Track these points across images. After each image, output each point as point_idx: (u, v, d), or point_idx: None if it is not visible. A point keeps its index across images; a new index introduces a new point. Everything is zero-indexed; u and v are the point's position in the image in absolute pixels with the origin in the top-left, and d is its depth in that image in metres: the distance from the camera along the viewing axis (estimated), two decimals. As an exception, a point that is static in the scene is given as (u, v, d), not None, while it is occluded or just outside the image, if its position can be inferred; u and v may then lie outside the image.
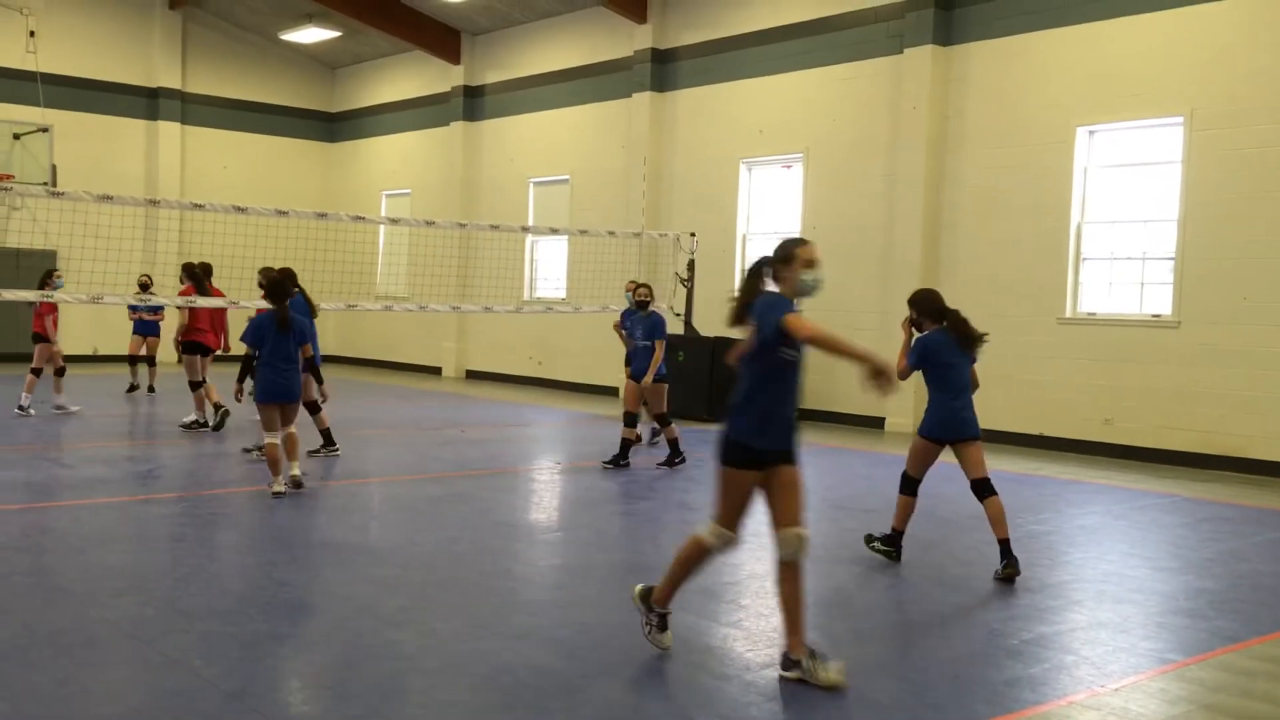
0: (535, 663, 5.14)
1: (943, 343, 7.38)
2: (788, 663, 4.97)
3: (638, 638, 5.40)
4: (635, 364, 11.45)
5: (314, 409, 10.83)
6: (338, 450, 11.15)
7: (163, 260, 20.22)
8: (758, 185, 17.74)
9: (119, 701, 4.49)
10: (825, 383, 16.15)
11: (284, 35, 23.71)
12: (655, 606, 5.26)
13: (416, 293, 19.64)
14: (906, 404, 15.10)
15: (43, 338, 13.75)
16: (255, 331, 9.01)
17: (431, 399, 18.20)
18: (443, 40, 22.28)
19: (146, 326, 17.36)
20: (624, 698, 4.71)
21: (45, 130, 20.41)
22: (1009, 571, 6.95)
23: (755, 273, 5.25)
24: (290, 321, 8.99)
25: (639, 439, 11.77)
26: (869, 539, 7.61)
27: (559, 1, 19.92)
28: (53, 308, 13.82)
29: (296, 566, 6.80)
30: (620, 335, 12.69)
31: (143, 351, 17.43)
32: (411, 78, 23.92)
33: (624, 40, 19.22)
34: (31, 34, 21.67)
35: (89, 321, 21.45)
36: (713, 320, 17.02)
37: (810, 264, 5.12)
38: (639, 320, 11.46)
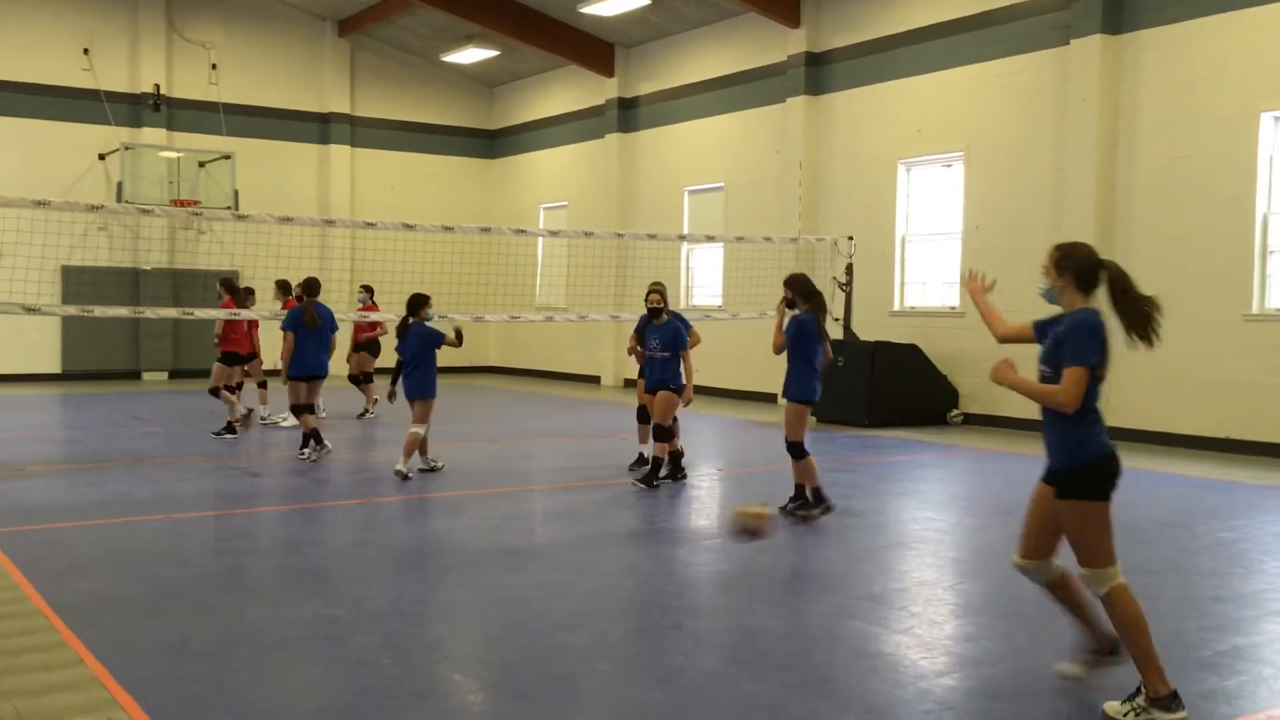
0: (705, 666, 5.17)
1: (814, 321, 8.70)
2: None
3: (802, 643, 5.37)
4: (651, 376, 10.07)
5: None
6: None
7: (337, 277, 21.10)
8: (917, 186, 17.40)
9: (314, 699, 4.71)
10: (986, 385, 15.72)
11: (445, 57, 24.48)
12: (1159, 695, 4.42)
13: (575, 303, 19.99)
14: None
15: (254, 354, 14.56)
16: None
17: (591, 407, 18.46)
18: (597, 54, 22.63)
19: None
20: (797, 703, 4.69)
21: (228, 157, 21.67)
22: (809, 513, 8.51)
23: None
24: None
25: (681, 451, 10.44)
26: (794, 510, 8.66)
27: (711, 10, 19.99)
28: (255, 323, 14.58)
29: (470, 570, 6.99)
30: (636, 354, 10.94)
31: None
32: (567, 92, 24.37)
33: (777, 45, 19.15)
34: (213, 67, 23.02)
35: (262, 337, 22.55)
36: (871, 324, 16.78)
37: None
38: (654, 330, 10.04)
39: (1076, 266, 4.82)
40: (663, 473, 10.02)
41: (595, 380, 23.25)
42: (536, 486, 10.63)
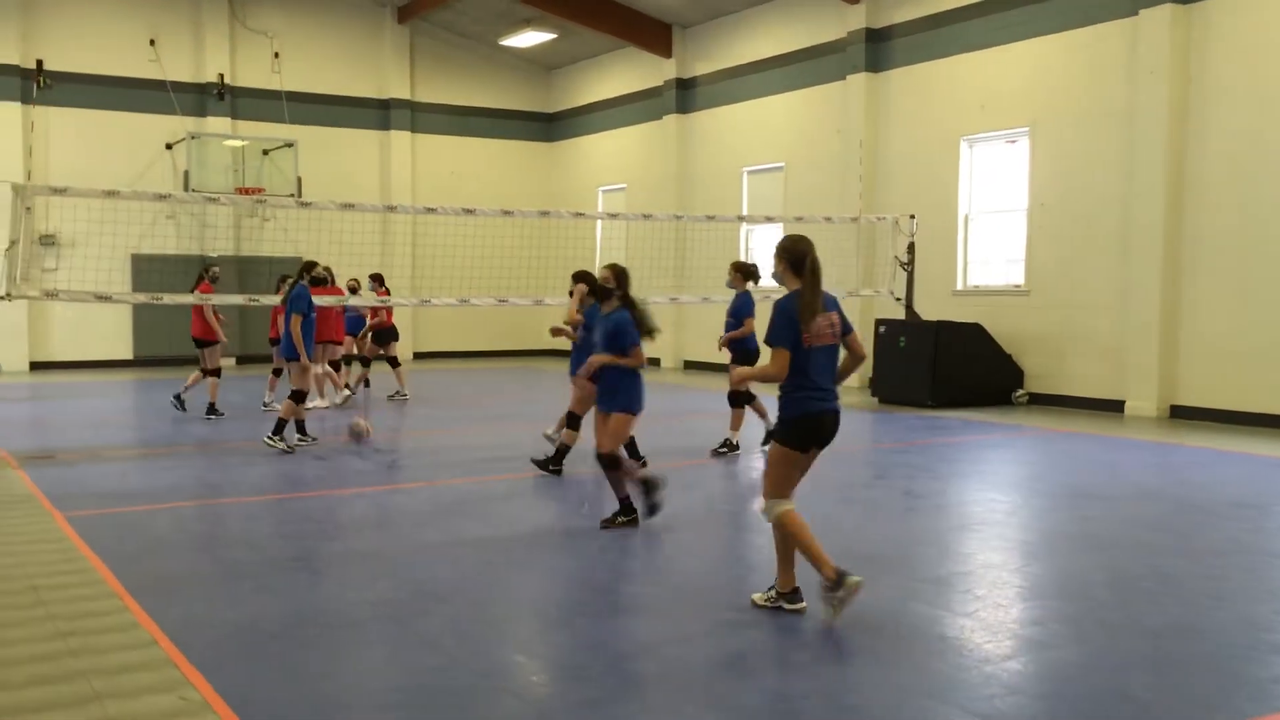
0: (765, 648, 5.16)
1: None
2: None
3: (864, 627, 5.34)
4: (600, 386, 7.84)
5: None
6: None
7: (399, 262, 21.29)
8: (980, 163, 17.12)
9: (379, 679, 4.78)
10: (1056, 365, 15.48)
11: (503, 41, 24.55)
12: None
13: (634, 285, 19.96)
14: (1150, 388, 14.28)
15: (338, 341, 14.86)
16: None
17: (650, 390, 18.45)
18: (654, 35, 22.55)
19: (353, 325, 18.10)
20: (859, 687, 4.66)
21: (291, 145, 21.95)
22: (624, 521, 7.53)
23: None
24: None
25: (654, 482, 7.78)
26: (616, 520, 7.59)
27: (769, -12, 19.82)
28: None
29: (534, 552, 7.04)
30: (565, 333, 10.03)
31: (353, 350, 18.36)
32: (624, 74, 24.33)
33: (836, 22, 18.93)
34: (276, 55, 23.31)
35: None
36: (934, 304, 16.58)
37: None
38: (600, 319, 8.01)
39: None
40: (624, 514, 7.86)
41: (655, 362, 23.25)
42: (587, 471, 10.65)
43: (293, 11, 23.52)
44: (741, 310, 10.88)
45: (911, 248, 16.02)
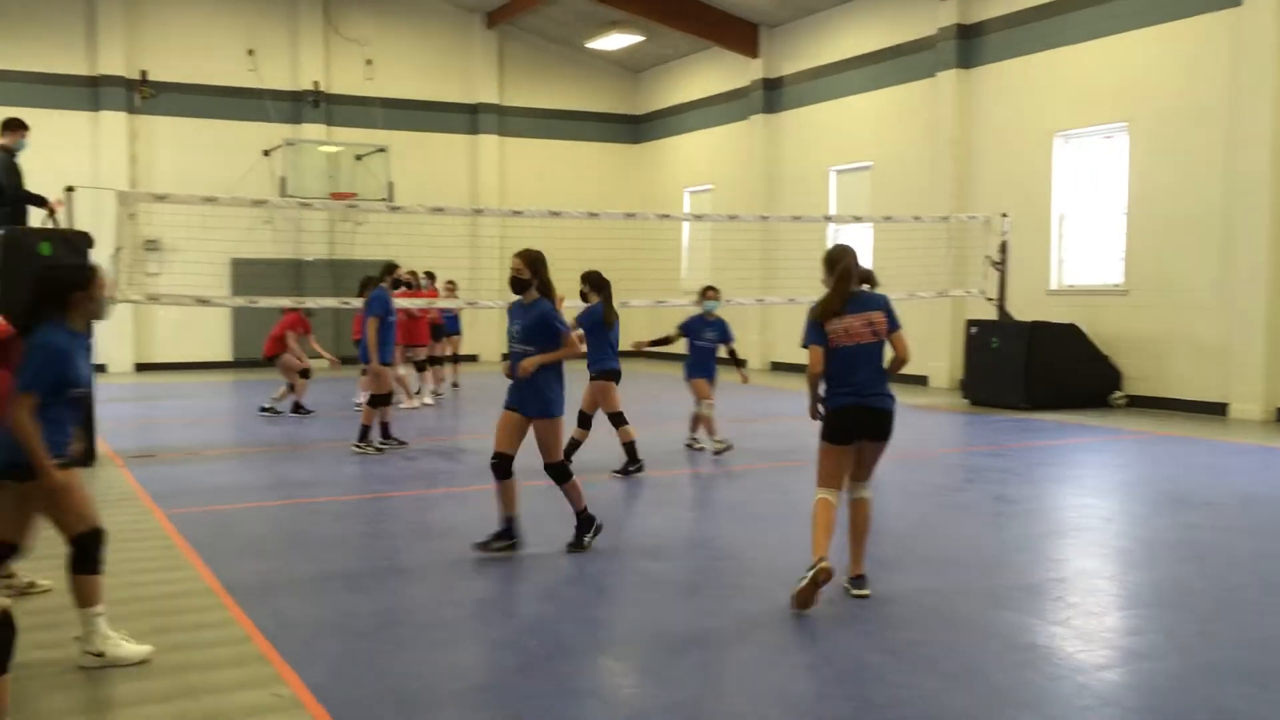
0: (852, 655, 5.09)
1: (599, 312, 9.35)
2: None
3: (953, 634, 5.24)
4: (513, 389, 7.02)
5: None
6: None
7: (486, 264, 21.52)
8: (1075, 160, 16.71)
9: (466, 678, 4.83)
10: (1155, 366, 15.03)
11: (590, 44, 24.68)
12: None
13: (720, 286, 19.92)
14: (1255, 389, 13.79)
15: (421, 343, 15.28)
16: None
17: (735, 391, 18.37)
18: (741, 35, 22.46)
19: (450, 326, 18.40)
20: (947, 696, 4.57)
21: (383, 150, 22.35)
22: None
23: None
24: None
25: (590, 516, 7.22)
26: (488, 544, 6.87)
27: (857, -15, 19.61)
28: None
29: (617, 555, 7.04)
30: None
31: (449, 351, 18.65)
32: (711, 75, 24.28)
33: (926, 19, 18.64)
34: (368, 63, 23.76)
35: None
36: (1028, 304, 16.22)
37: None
38: (517, 311, 7.08)
39: None
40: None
41: (742, 364, 23.13)
42: (683, 471, 10.65)
43: (385, 19, 23.95)
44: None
45: (1004, 247, 15.70)
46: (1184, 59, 14.78)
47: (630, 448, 9.88)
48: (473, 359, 22.22)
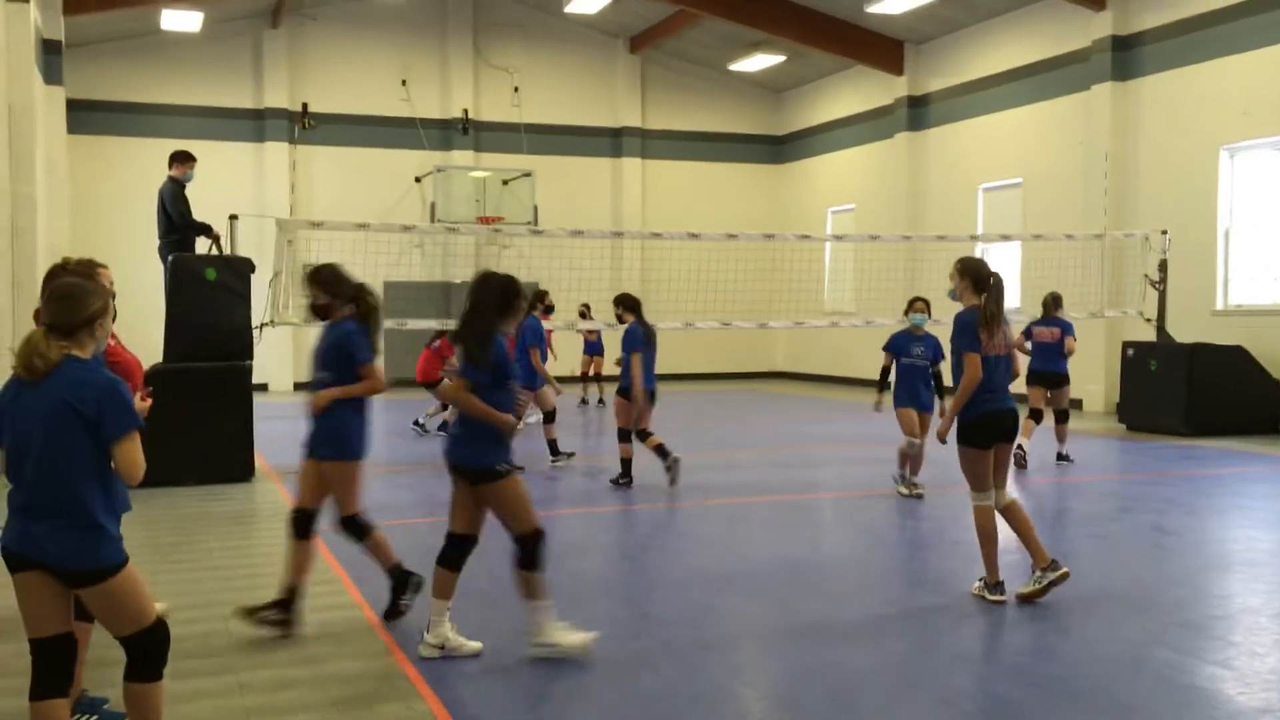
0: (994, 689, 4.92)
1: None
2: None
3: (1103, 670, 5.01)
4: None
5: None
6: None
7: (627, 286, 21.69)
8: (1242, 173, 15.90)
9: (598, 701, 4.85)
10: None
11: (732, 66, 24.73)
12: None
13: (863, 307, 19.64)
14: None
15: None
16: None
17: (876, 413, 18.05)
18: (885, 53, 22.17)
19: (593, 347, 18.90)
20: (1094, 736, 4.38)
21: (529, 175, 22.85)
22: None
23: None
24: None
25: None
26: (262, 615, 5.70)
27: (1006, 0, 19.14)
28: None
29: (752, 579, 6.99)
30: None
31: (590, 371, 19.07)
32: (854, 93, 24.02)
33: (1079, 31, 18.05)
34: (515, 90, 24.34)
35: (561, 345, 23.56)
36: (1191, 325, 15.49)
37: None
38: (323, 333, 6.19)
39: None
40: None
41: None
42: (821, 495, 10.50)
43: (532, 47, 24.50)
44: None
45: (1163, 265, 15.03)
46: (1362, 65, 13.93)
47: (626, 464, 10.35)
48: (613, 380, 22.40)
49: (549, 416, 11.98)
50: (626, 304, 10.42)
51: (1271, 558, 7.65)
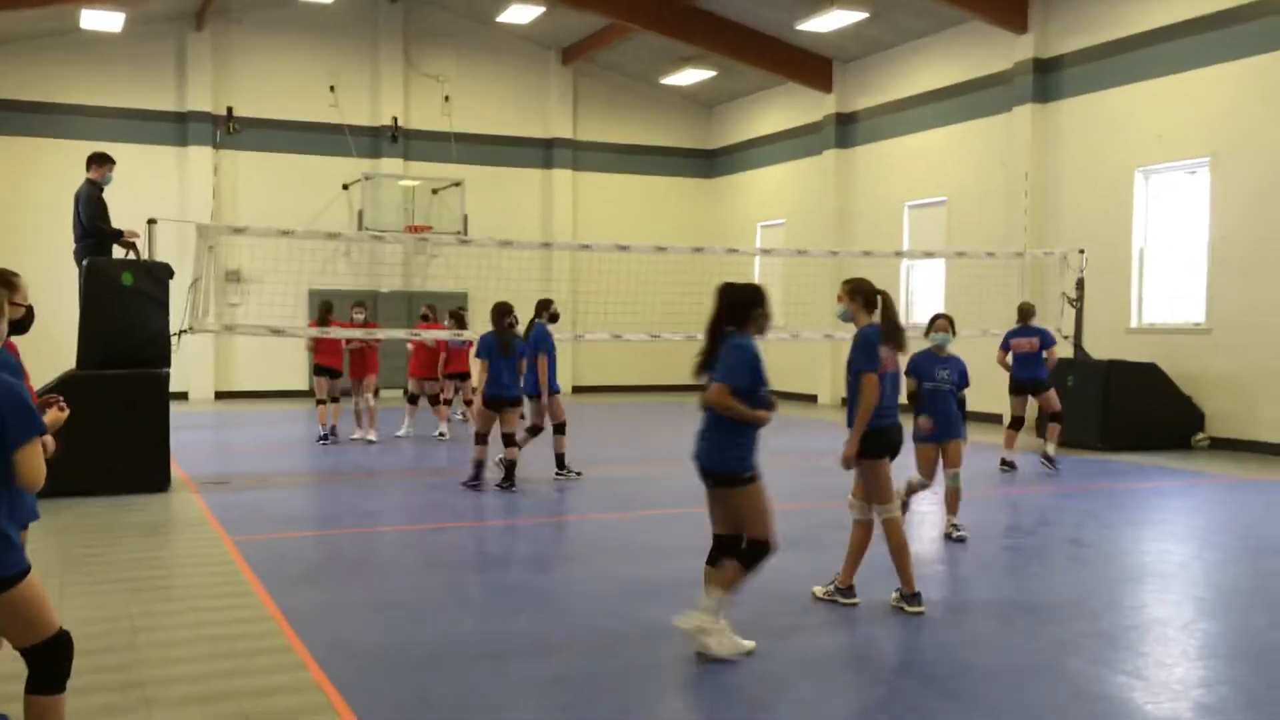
0: (910, 700, 4.96)
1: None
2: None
3: (1017, 681, 5.08)
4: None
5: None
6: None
7: (558, 297, 21.61)
8: (1156, 195, 16.35)
9: (517, 712, 4.80)
10: (1240, 407, 14.57)
11: (664, 79, 24.83)
12: None
13: (791, 322, 19.82)
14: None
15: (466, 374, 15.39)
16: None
17: (807, 426, 18.22)
18: (814, 70, 22.43)
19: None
20: (1007, 745, 4.44)
21: (459, 184, 22.70)
22: None
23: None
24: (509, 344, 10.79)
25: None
26: None
27: (931, 20, 19.48)
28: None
29: (683, 590, 6.97)
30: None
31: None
32: (784, 110, 24.26)
33: (1002, 53, 18.44)
34: (446, 99, 24.18)
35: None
36: (1106, 342, 15.86)
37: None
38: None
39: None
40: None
41: (813, 399, 22.97)
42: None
43: (463, 56, 24.36)
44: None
45: (1080, 284, 15.38)
46: (1269, 93, 14.41)
47: (478, 465, 10.78)
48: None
49: (559, 429, 11.61)
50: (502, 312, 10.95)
51: (1182, 570, 7.85)
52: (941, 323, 8.64)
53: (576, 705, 4.84)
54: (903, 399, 6.74)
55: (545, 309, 11.80)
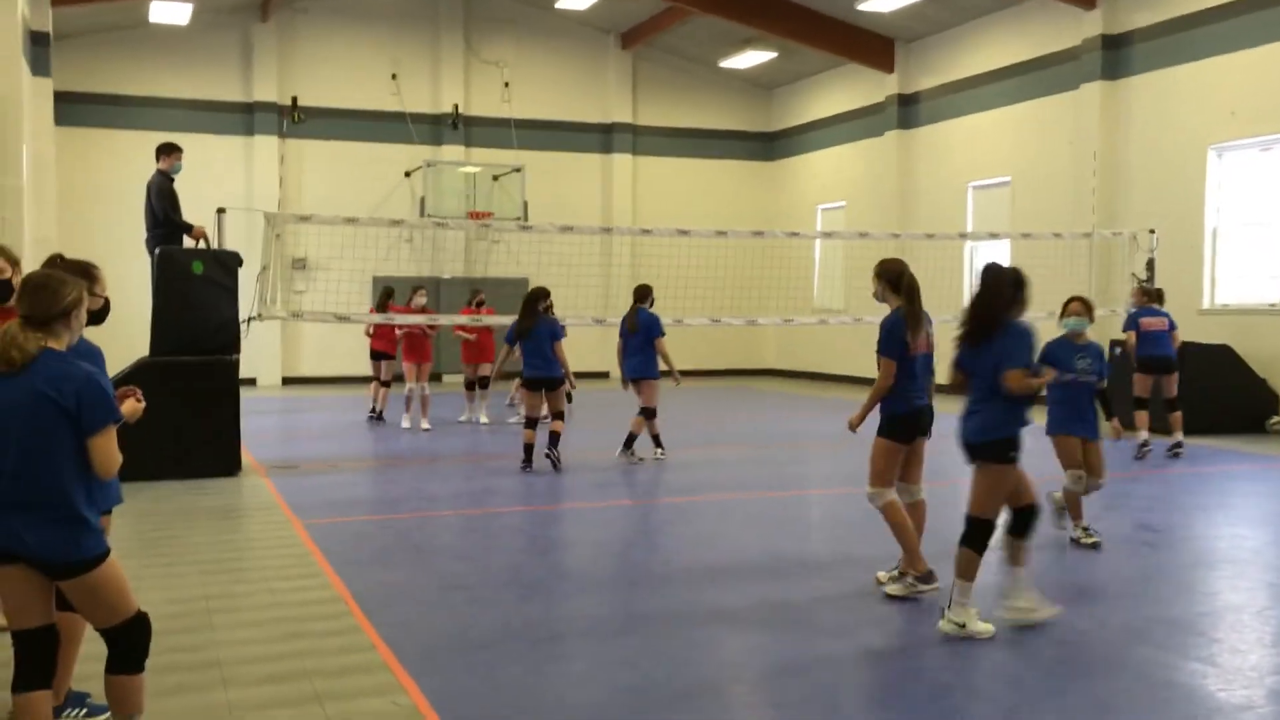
0: (973, 684, 4.93)
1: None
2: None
3: (1083, 667, 5.02)
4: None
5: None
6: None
7: (615, 282, 21.71)
8: (1230, 173, 15.95)
9: (578, 693, 4.86)
10: None
11: (723, 62, 24.71)
12: None
13: (852, 305, 19.69)
14: None
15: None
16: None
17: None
18: (876, 50, 22.18)
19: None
20: (1076, 732, 4.40)
21: (519, 170, 22.80)
22: None
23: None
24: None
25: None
26: None
27: (995, -2, 19.16)
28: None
29: (737, 576, 6.98)
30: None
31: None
32: (845, 91, 24.03)
33: (1070, 30, 18.09)
34: (506, 85, 24.29)
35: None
36: (1178, 323, 15.51)
37: None
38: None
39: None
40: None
41: (871, 382, 22.76)
42: (809, 491, 10.51)
43: (523, 42, 24.45)
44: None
45: (1151, 264, 15.08)
46: (1349, 66, 13.98)
47: (528, 449, 10.99)
48: (604, 376, 22.41)
49: (650, 411, 11.71)
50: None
51: (1256, 556, 7.69)
52: (1075, 305, 7.90)
53: (641, 688, 4.87)
54: (941, 380, 6.46)
55: (647, 295, 11.78)
